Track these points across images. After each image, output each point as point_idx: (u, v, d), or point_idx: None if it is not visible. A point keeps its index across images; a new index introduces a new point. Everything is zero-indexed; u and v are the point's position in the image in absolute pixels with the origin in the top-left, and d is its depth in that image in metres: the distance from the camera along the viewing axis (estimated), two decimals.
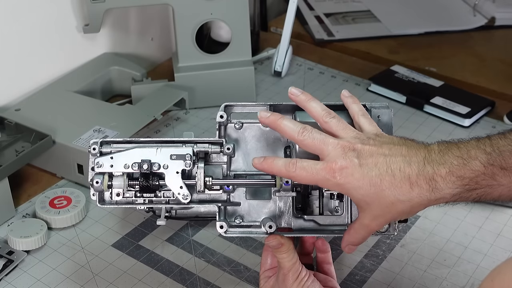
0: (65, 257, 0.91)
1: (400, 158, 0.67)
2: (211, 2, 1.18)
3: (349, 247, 0.74)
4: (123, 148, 0.77)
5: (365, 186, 0.67)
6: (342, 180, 0.67)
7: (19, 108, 1.10)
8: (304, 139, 0.70)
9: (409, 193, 0.66)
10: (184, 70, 1.21)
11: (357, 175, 0.67)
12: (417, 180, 0.66)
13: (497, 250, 0.93)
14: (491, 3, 1.56)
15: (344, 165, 0.67)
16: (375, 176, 0.67)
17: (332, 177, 0.68)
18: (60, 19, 1.20)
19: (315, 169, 0.68)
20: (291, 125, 0.72)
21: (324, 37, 1.48)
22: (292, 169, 0.69)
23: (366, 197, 0.68)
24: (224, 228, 0.75)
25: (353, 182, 0.67)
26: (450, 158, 0.66)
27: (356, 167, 0.67)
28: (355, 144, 0.69)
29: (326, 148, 0.69)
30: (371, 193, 0.67)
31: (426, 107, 1.23)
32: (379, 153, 0.68)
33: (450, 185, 0.66)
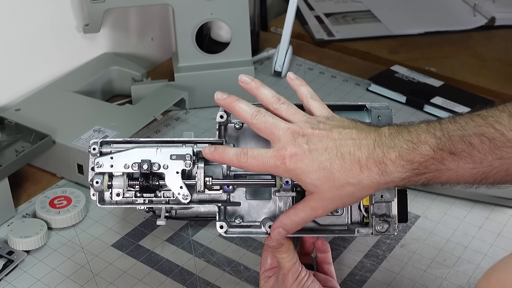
0: (65, 257, 0.91)
1: (350, 142, 0.68)
2: (211, 2, 1.18)
3: (278, 231, 0.72)
4: (123, 148, 0.77)
5: (315, 170, 0.67)
6: (291, 165, 0.68)
7: (19, 108, 1.10)
8: (257, 122, 0.70)
9: (359, 176, 0.67)
10: (184, 70, 1.21)
11: (306, 160, 0.67)
12: (367, 163, 0.66)
13: (497, 250, 0.93)
14: (491, 3, 1.56)
15: (294, 151, 0.68)
16: (325, 160, 0.67)
17: (282, 163, 0.68)
18: (60, 19, 1.20)
19: (266, 157, 0.69)
20: (245, 107, 0.72)
21: (324, 37, 1.48)
22: (243, 159, 0.70)
23: (316, 180, 0.67)
24: (224, 228, 0.75)
25: (303, 167, 0.67)
26: (400, 142, 0.67)
27: (306, 153, 0.67)
28: (305, 129, 0.69)
29: (277, 133, 0.69)
30: (321, 176, 0.67)
31: (426, 107, 1.23)
32: (329, 138, 0.68)
33: (399, 169, 0.66)
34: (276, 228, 0.72)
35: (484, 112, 0.69)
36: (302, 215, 0.71)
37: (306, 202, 0.70)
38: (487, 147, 0.65)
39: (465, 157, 0.65)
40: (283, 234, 0.72)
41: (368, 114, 0.77)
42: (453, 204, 1.01)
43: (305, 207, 0.70)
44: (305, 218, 0.71)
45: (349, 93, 1.29)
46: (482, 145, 0.65)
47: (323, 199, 0.69)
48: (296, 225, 0.72)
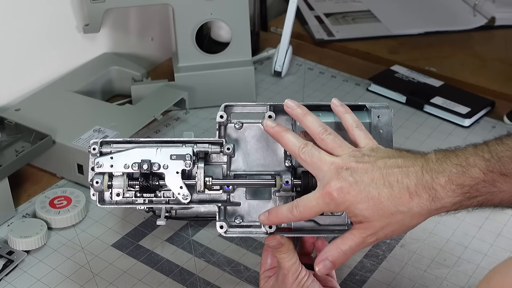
0: (65, 257, 0.91)
1: (397, 170, 0.67)
2: (211, 2, 1.18)
3: (324, 264, 0.70)
4: (123, 148, 0.77)
5: (363, 200, 0.67)
6: (340, 199, 0.67)
7: (19, 108, 1.10)
8: (303, 155, 0.70)
9: (409, 203, 0.66)
10: (184, 70, 1.21)
11: (353, 192, 0.67)
12: (416, 190, 0.66)
13: (497, 250, 0.93)
14: (491, 3, 1.56)
15: (339, 185, 0.67)
16: (373, 190, 0.67)
17: (330, 200, 0.67)
18: (60, 19, 1.20)
19: (314, 199, 0.68)
20: (293, 139, 0.72)
21: (324, 37, 1.48)
22: (296, 212, 0.70)
23: (365, 211, 0.67)
24: (224, 228, 0.76)
25: (351, 199, 0.67)
26: (449, 166, 0.66)
27: (352, 185, 0.67)
28: (349, 163, 0.68)
29: (322, 167, 0.69)
30: (370, 206, 0.67)
31: (426, 107, 1.23)
32: (374, 168, 0.67)
33: (450, 194, 0.66)
34: (321, 261, 0.70)
35: None
36: (351, 244, 0.69)
37: (354, 230, 0.69)
38: None
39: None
40: (329, 267, 0.70)
41: (368, 114, 0.77)
42: None
43: (353, 235, 0.69)
44: (354, 247, 0.69)
45: (349, 93, 1.29)
46: None
47: (373, 228, 0.68)
48: (343, 255, 0.70)
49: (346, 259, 0.70)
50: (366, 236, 0.68)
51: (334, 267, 0.70)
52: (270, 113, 0.78)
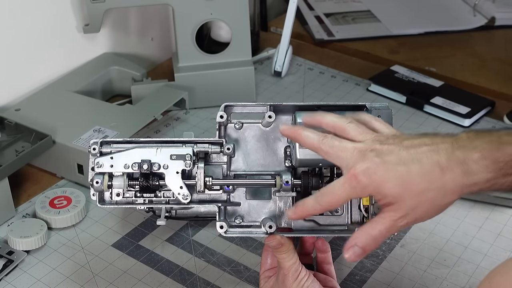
0: (65, 257, 0.91)
1: (425, 148, 0.64)
2: (211, 2, 1.18)
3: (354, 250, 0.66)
4: (123, 148, 0.77)
5: (391, 179, 0.63)
6: (366, 181, 0.64)
7: (19, 108, 1.10)
8: (324, 147, 0.68)
9: (441, 178, 0.62)
10: (184, 70, 1.21)
11: (380, 172, 0.64)
12: (447, 164, 0.62)
13: (497, 250, 0.93)
14: (491, 3, 1.56)
15: (365, 166, 0.64)
16: (401, 168, 0.63)
17: (356, 183, 0.64)
18: (60, 19, 1.20)
19: (340, 185, 0.66)
20: (311, 134, 0.70)
21: (324, 37, 1.48)
22: (322, 201, 0.67)
23: (393, 190, 0.63)
24: (224, 228, 0.75)
25: (378, 180, 0.64)
26: (481, 143, 0.63)
27: (379, 165, 0.64)
28: (373, 145, 0.66)
29: (344, 155, 0.66)
30: (399, 184, 0.63)
31: (426, 107, 1.23)
32: (400, 149, 0.65)
33: (483, 169, 0.62)
34: (350, 247, 0.66)
35: None
36: (380, 228, 0.65)
37: (384, 213, 0.65)
38: None
39: None
40: (358, 253, 0.66)
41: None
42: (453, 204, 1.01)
43: (383, 218, 0.65)
44: (384, 231, 0.65)
45: (349, 93, 1.29)
46: None
47: (403, 209, 0.64)
48: (373, 241, 0.66)
49: (377, 245, 0.67)
50: (397, 219, 0.65)
51: (364, 253, 0.66)
52: (270, 113, 0.78)
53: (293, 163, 0.78)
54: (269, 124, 0.80)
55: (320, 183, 0.77)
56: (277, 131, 0.80)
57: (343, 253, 0.67)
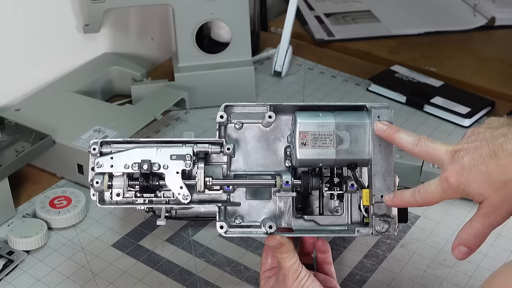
0: (65, 257, 0.91)
1: (502, 139, 0.66)
2: (211, 2, 1.18)
3: (459, 249, 0.71)
4: (123, 148, 0.77)
5: (475, 179, 0.66)
6: (455, 183, 0.67)
7: (19, 108, 1.10)
8: (419, 150, 0.71)
9: None
10: (184, 70, 1.21)
11: (465, 172, 0.66)
12: None
13: (497, 250, 0.93)
14: (491, 3, 1.56)
15: (454, 169, 0.67)
16: (481, 165, 0.65)
17: (448, 186, 0.67)
18: (60, 19, 1.20)
19: (434, 186, 0.69)
20: (406, 137, 0.72)
21: (324, 37, 1.48)
22: (418, 197, 0.70)
23: (479, 189, 0.66)
24: (224, 228, 0.75)
25: (464, 181, 0.67)
26: None
27: (465, 166, 0.66)
28: (461, 145, 0.68)
29: (439, 156, 0.69)
30: (482, 182, 0.66)
31: (426, 107, 1.23)
32: (482, 144, 0.67)
33: None
34: (456, 246, 0.71)
35: None
36: (477, 226, 0.69)
37: (478, 211, 0.69)
38: None
39: None
40: (465, 252, 0.71)
41: (368, 114, 0.77)
42: (453, 204, 1.01)
43: (477, 217, 0.69)
44: (482, 229, 0.69)
45: (349, 93, 1.29)
46: None
47: (492, 205, 0.67)
48: (475, 238, 0.70)
49: (480, 242, 0.70)
50: (488, 216, 0.68)
51: (471, 251, 0.71)
52: (270, 113, 0.78)
53: (293, 163, 0.77)
54: (269, 124, 0.80)
55: (320, 183, 0.77)
56: (277, 131, 0.80)
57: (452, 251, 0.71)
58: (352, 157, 0.75)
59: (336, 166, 0.77)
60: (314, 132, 0.74)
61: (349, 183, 0.77)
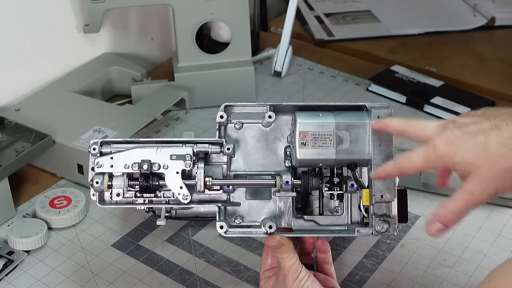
0: (65, 257, 0.91)
1: (505, 115, 0.64)
2: (211, 2, 1.18)
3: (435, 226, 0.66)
4: (123, 148, 0.77)
5: (469, 148, 0.63)
6: (443, 150, 0.65)
7: (19, 108, 1.10)
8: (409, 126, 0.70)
9: None
10: (184, 70, 1.21)
11: (458, 141, 0.64)
12: None
13: (497, 250, 0.93)
14: (491, 3, 1.56)
15: (444, 136, 0.65)
16: (480, 137, 0.63)
17: (433, 152, 0.65)
18: (60, 19, 1.20)
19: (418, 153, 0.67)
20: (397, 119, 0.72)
21: (324, 37, 1.48)
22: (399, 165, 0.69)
23: (471, 158, 0.63)
24: (224, 228, 0.75)
25: (455, 150, 0.64)
26: None
27: (458, 136, 0.65)
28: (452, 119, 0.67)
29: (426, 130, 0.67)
30: (477, 152, 0.63)
31: (426, 107, 1.23)
32: (481, 119, 0.65)
33: None
34: (432, 222, 0.67)
35: None
36: (459, 204, 0.65)
37: (462, 188, 0.65)
38: None
39: None
40: (439, 229, 0.66)
41: (368, 114, 0.77)
42: None
43: (461, 193, 0.65)
44: (464, 207, 0.65)
45: (349, 93, 1.29)
46: None
47: (481, 179, 0.63)
48: (454, 216, 0.65)
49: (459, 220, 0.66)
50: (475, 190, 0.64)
51: (446, 229, 0.66)
52: (270, 113, 0.78)
53: (293, 163, 0.78)
54: (269, 124, 0.80)
55: (320, 183, 0.77)
56: (277, 131, 0.80)
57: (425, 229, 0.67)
58: (352, 157, 0.75)
59: (336, 166, 0.77)
60: (314, 132, 0.74)
61: (349, 183, 0.77)
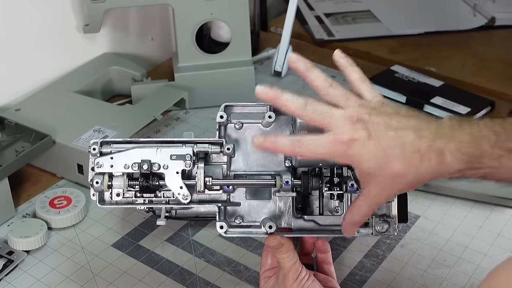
0: (65, 257, 0.91)
1: (410, 131, 0.66)
2: (211, 2, 1.18)
3: (349, 228, 0.72)
4: (123, 148, 0.77)
5: (373, 158, 0.65)
6: (350, 152, 0.66)
7: (19, 108, 1.10)
8: (308, 113, 0.68)
9: (418, 166, 0.65)
10: (184, 70, 1.21)
11: (366, 147, 0.65)
12: (427, 153, 0.65)
13: (497, 250, 0.93)
14: (491, 3, 1.56)
15: (353, 137, 0.66)
16: (385, 148, 0.65)
17: (340, 149, 0.66)
18: (60, 19, 1.20)
19: (322, 142, 0.66)
20: (293, 99, 0.69)
21: (324, 37, 1.48)
22: (297, 144, 0.67)
23: (373, 169, 0.66)
24: (224, 228, 0.75)
25: (362, 154, 0.65)
26: (461, 134, 0.65)
27: (365, 141, 0.65)
28: (362, 115, 0.67)
29: (332, 122, 0.67)
30: (380, 164, 0.65)
31: (426, 107, 1.23)
32: (388, 126, 0.66)
33: (457, 161, 0.64)
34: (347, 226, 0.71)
35: None
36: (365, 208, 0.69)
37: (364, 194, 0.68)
38: None
39: None
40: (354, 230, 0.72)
41: None
42: (453, 204, 1.01)
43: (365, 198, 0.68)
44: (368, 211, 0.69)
45: None
46: None
47: (381, 189, 0.67)
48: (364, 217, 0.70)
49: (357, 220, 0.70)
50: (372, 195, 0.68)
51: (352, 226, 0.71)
52: (270, 113, 0.78)
53: (293, 163, 0.78)
54: (269, 124, 0.80)
55: (320, 183, 0.77)
56: (277, 131, 0.80)
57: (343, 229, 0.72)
58: None
59: (336, 166, 0.77)
60: None
61: (349, 183, 0.77)
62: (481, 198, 1.01)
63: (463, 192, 1.01)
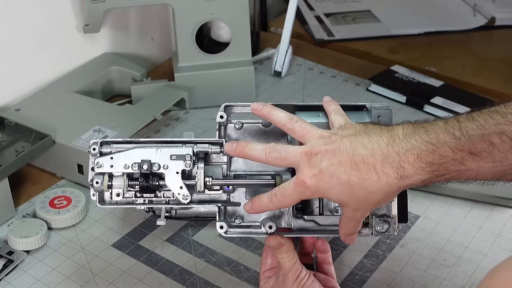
0: (65, 257, 0.91)
1: (362, 150, 0.66)
2: (211, 2, 1.18)
3: (347, 240, 0.74)
4: (123, 148, 0.77)
5: (335, 186, 0.67)
6: (313, 187, 0.68)
7: (19, 108, 1.10)
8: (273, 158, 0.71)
9: (378, 184, 0.65)
10: (184, 70, 1.21)
11: (325, 178, 0.67)
12: (383, 169, 0.65)
13: (497, 250, 0.93)
14: (491, 3, 1.56)
15: (312, 173, 0.67)
16: (342, 175, 0.66)
17: (305, 188, 0.68)
18: (60, 19, 1.20)
19: (290, 188, 0.69)
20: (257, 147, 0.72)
21: (324, 37, 1.48)
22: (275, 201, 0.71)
23: (340, 196, 0.67)
24: (224, 228, 0.75)
25: (325, 185, 0.67)
26: (418, 143, 0.65)
27: (323, 171, 0.67)
28: (317, 148, 0.68)
29: (293, 161, 0.69)
30: (344, 191, 0.67)
31: (426, 107, 1.23)
32: (341, 150, 0.67)
33: (419, 172, 0.65)
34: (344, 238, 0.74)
35: (502, 109, 0.67)
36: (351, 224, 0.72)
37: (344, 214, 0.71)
38: (507, 146, 0.64)
39: (486, 156, 0.64)
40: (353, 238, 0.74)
41: (368, 114, 0.77)
42: (453, 204, 1.01)
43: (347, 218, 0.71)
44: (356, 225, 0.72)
45: (349, 93, 1.29)
46: (503, 144, 0.64)
47: (355, 210, 0.69)
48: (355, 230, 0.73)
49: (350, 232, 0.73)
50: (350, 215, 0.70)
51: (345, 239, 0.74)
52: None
53: None
54: (269, 124, 0.80)
55: None
56: (277, 131, 0.80)
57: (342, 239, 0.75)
58: None
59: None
60: None
61: None
62: (481, 198, 1.01)
63: (463, 192, 1.01)
